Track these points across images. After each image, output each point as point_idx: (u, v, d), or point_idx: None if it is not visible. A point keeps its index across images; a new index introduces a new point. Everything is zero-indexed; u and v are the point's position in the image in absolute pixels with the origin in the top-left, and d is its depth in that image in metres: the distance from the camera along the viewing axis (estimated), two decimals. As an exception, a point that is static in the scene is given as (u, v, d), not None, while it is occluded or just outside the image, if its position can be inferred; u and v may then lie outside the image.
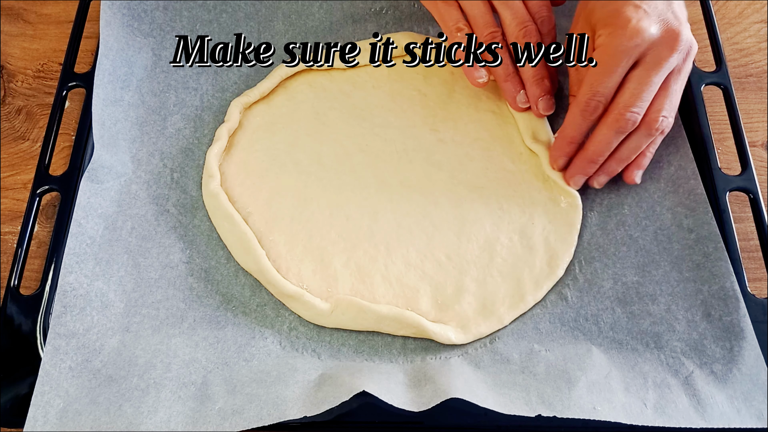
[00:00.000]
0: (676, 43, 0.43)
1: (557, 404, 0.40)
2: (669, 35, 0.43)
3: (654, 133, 0.45)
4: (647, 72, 0.44)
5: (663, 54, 0.43)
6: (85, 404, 0.42)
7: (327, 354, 0.45)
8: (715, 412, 0.41)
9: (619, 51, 0.43)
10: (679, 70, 0.45)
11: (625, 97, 0.44)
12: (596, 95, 0.45)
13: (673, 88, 0.45)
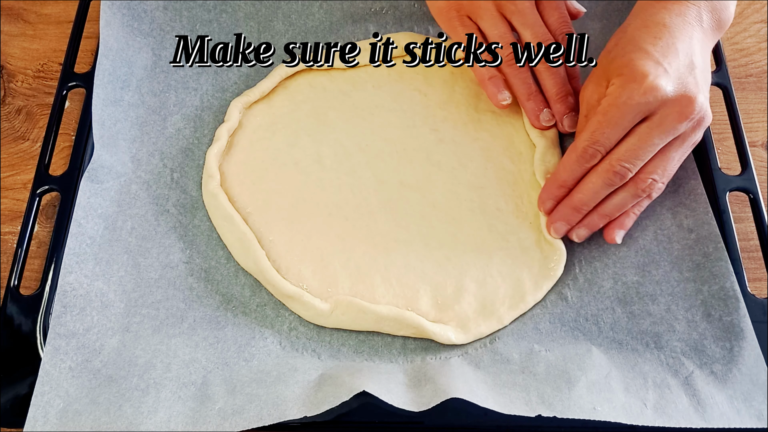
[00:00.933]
0: (690, 110, 0.41)
1: (557, 404, 0.40)
2: (684, 100, 0.41)
3: (640, 193, 0.44)
4: (650, 131, 0.42)
5: (672, 117, 0.41)
6: (85, 404, 0.42)
7: (327, 354, 0.45)
8: (715, 412, 0.41)
9: (629, 104, 0.41)
10: (684, 139, 0.43)
11: (621, 150, 0.43)
12: (596, 144, 0.43)
13: (672, 155, 0.43)
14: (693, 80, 0.42)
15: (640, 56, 0.42)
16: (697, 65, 0.43)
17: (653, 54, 0.42)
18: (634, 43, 0.43)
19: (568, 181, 0.45)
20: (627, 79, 0.42)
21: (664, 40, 0.43)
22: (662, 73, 0.41)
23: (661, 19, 0.44)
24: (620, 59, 0.43)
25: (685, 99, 0.41)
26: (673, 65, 0.42)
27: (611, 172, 0.43)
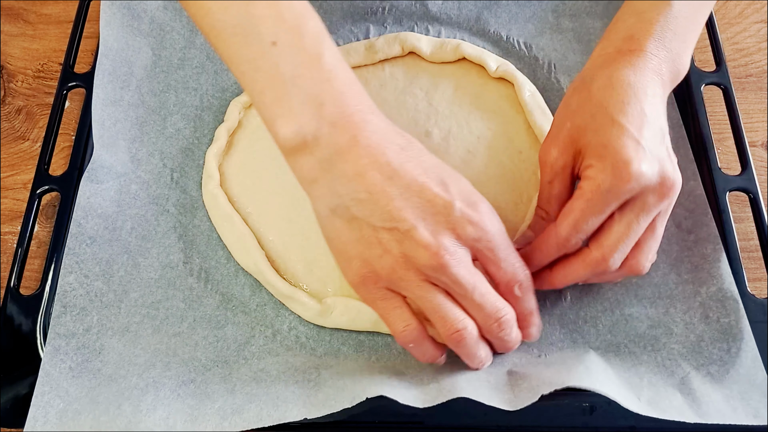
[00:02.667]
0: (670, 192, 0.39)
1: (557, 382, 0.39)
2: (665, 183, 0.39)
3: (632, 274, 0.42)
4: (636, 217, 0.39)
5: (653, 201, 0.39)
6: (84, 404, 0.42)
7: (327, 354, 0.45)
8: (710, 408, 0.41)
9: (614, 193, 0.39)
10: (666, 211, 0.41)
11: (611, 240, 0.40)
12: (580, 233, 0.40)
13: (659, 231, 0.41)
14: (667, 154, 0.40)
15: (618, 135, 0.39)
16: (664, 131, 0.41)
17: (629, 130, 0.39)
18: (604, 112, 0.40)
19: (545, 263, 0.43)
20: (610, 165, 0.39)
21: (632, 106, 0.40)
22: (643, 157, 0.38)
23: (625, 78, 0.41)
24: (595, 136, 0.40)
25: (666, 182, 0.39)
26: (649, 140, 0.39)
27: (604, 264, 0.40)
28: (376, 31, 0.58)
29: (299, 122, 0.37)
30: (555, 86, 0.55)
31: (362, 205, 0.37)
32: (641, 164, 0.38)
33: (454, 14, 0.58)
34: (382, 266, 0.38)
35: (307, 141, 0.37)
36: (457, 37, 0.58)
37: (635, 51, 0.42)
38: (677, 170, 0.40)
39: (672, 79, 0.43)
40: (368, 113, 0.38)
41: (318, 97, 0.37)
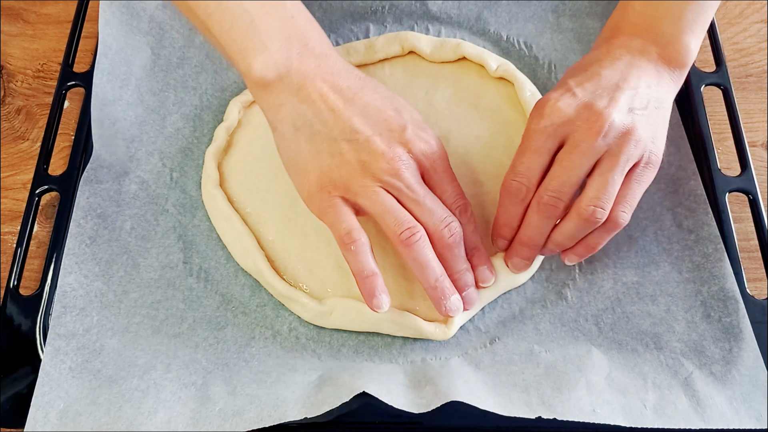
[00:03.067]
0: (598, 124, 0.39)
1: (557, 406, 0.40)
2: (590, 116, 0.40)
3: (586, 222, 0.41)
4: (568, 155, 0.40)
5: (582, 135, 0.40)
6: (85, 405, 0.42)
7: (327, 354, 0.45)
8: (715, 412, 0.41)
9: (535, 130, 0.41)
10: (614, 157, 0.40)
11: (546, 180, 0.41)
12: (517, 176, 0.42)
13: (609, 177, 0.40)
14: (607, 97, 0.40)
15: (554, 89, 0.43)
16: (623, 88, 0.41)
17: (568, 84, 0.42)
18: (560, 80, 0.44)
19: (509, 219, 0.44)
20: (534, 108, 0.42)
21: (590, 70, 0.42)
22: (566, 96, 0.41)
23: (597, 55, 0.43)
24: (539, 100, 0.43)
25: (591, 114, 0.40)
26: (587, 89, 0.41)
27: (542, 204, 0.41)
28: (376, 31, 0.58)
29: (270, 54, 0.41)
30: (555, 86, 0.55)
31: (325, 121, 0.41)
32: (559, 101, 0.41)
33: (455, 14, 0.58)
34: (341, 174, 0.41)
35: (278, 70, 0.41)
36: (458, 36, 0.57)
37: (617, 35, 0.44)
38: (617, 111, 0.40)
39: (667, 60, 0.43)
40: (329, 48, 0.43)
41: (284, 31, 0.41)
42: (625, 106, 0.40)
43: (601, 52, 0.44)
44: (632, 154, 0.40)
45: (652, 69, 0.42)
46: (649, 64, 0.42)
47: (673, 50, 0.43)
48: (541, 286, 0.47)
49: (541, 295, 0.47)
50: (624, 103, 0.40)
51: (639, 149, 0.40)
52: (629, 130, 0.40)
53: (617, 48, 0.43)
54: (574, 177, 0.41)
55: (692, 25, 0.43)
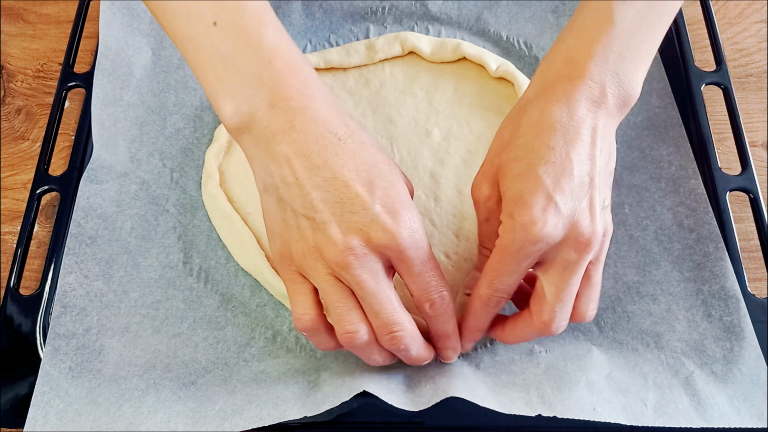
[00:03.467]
0: (587, 246, 0.37)
1: (557, 404, 0.40)
2: (578, 239, 0.37)
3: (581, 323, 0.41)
4: (561, 276, 0.38)
5: (573, 257, 0.38)
6: (85, 404, 0.42)
7: (327, 355, 0.45)
8: (715, 412, 0.41)
9: (522, 253, 0.38)
10: (598, 260, 0.39)
11: (547, 305, 0.39)
12: (497, 292, 0.39)
13: (596, 279, 0.40)
14: (587, 207, 0.37)
15: (532, 190, 0.37)
16: (594, 181, 0.38)
17: (545, 185, 0.37)
18: (526, 158, 0.38)
19: (480, 326, 0.42)
20: (518, 220, 0.37)
21: (557, 153, 0.37)
22: (551, 215, 0.37)
23: (557, 116, 0.38)
24: (513, 184, 0.38)
25: (580, 238, 0.37)
26: (566, 194, 0.37)
27: (547, 328, 0.39)
28: (376, 31, 0.58)
29: (238, 102, 0.37)
30: (555, 86, 0.55)
31: (288, 189, 0.38)
32: (547, 224, 0.37)
33: (455, 14, 0.58)
34: (297, 250, 0.38)
35: (245, 121, 0.38)
36: (457, 37, 0.58)
37: (574, 78, 0.39)
38: (599, 221, 0.38)
39: (621, 106, 0.39)
40: (310, 99, 0.38)
41: (258, 78, 0.37)
42: (600, 206, 0.38)
43: (564, 110, 0.38)
44: (607, 247, 0.39)
45: (609, 120, 0.39)
46: (607, 117, 0.39)
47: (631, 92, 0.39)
48: (542, 285, 0.47)
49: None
50: (599, 204, 0.38)
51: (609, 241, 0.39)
52: (606, 232, 0.38)
53: (579, 103, 0.38)
54: (573, 294, 0.39)
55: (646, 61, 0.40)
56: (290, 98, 0.38)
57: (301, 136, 0.37)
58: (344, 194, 0.37)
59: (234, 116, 0.38)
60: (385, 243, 0.37)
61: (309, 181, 0.37)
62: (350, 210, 0.37)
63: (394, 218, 0.37)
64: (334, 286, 0.38)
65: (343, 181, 0.37)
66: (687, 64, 0.54)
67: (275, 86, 0.38)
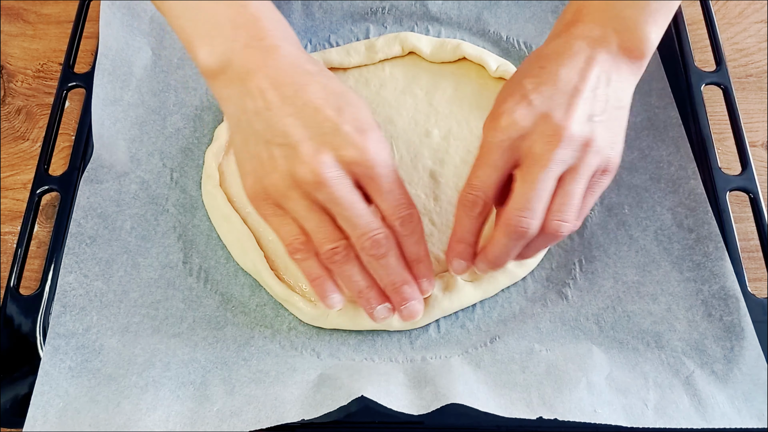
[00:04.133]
0: (557, 136, 0.37)
1: (558, 406, 0.40)
2: (547, 128, 0.37)
3: (551, 237, 0.39)
4: (529, 170, 0.38)
5: (540, 148, 0.37)
6: (84, 403, 0.42)
7: (326, 353, 0.45)
8: (716, 412, 0.41)
9: (492, 144, 0.39)
10: (577, 170, 0.38)
11: (512, 200, 0.39)
12: (473, 189, 0.40)
13: (570, 189, 0.38)
14: (564, 105, 0.38)
15: (510, 93, 0.40)
16: (581, 91, 0.38)
17: (525, 87, 0.39)
18: (516, 78, 0.41)
19: (465, 235, 0.41)
20: (490, 119, 0.40)
21: (547, 68, 0.39)
22: (522, 106, 0.38)
23: (555, 48, 0.40)
24: (503, 90, 0.41)
25: (549, 127, 0.37)
26: (544, 94, 0.38)
27: (511, 226, 0.38)
28: (376, 31, 0.58)
29: (213, 45, 0.40)
30: (555, 86, 0.55)
31: (261, 118, 0.39)
32: (514, 114, 0.38)
33: (454, 14, 0.58)
34: (270, 183, 0.40)
35: (221, 62, 0.40)
36: (457, 37, 0.58)
37: (577, 21, 0.41)
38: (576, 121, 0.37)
39: (627, 51, 0.40)
40: (281, 39, 0.41)
41: (233, 21, 0.40)
42: (584, 114, 0.38)
43: (560, 44, 0.41)
44: (592, 164, 0.38)
45: (611, 62, 0.40)
46: (608, 57, 0.40)
47: (635, 39, 0.40)
48: (542, 285, 0.47)
49: (541, 294, 0.47)
50: (582, 110, 0.38)
51: (599, 158, 0.38)
52: (589, 140, 0.38)
53: (577, 39, 0.40)
54: (541, 193, 0.38)
55: (655, 14, 0.40)
56: (263, 39, 0.40)
57: (274, 71, 0.40)
58: (315, 118, 0.39)
59: (209, 58, 0.40)
60: (355, 159, 0.39)
61: (281, 109, 0.39)
62: (321, 131, 0.39)
63: (362, 136, 0.39)
64: (312, 210, 0.39)
65: (314, 107, 0.39)
66: (687, 64, 0.54)
67: (249, 28, 0.40)
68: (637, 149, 0.51)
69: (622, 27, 0.40)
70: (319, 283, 0.42)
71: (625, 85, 0.41)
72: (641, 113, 0.52)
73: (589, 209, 0.40)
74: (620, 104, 0.40)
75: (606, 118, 0.39)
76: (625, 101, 0.41)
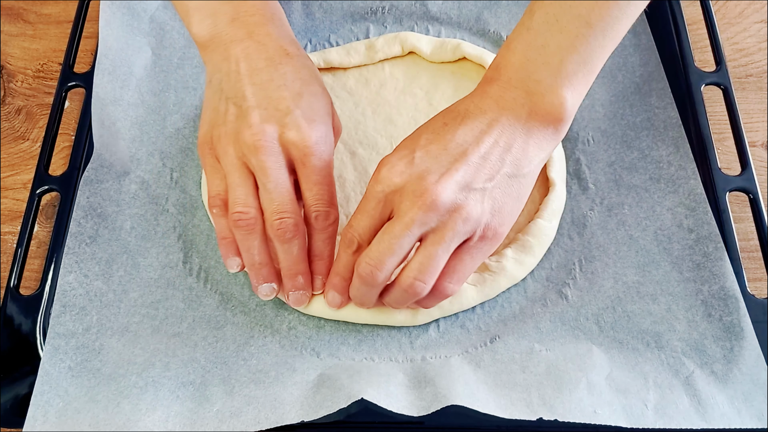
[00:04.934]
0: (424, 199, 0.37)
1: (558, 407, 0.40)
2: (413, 192, 0.37)
3: (406, 294, 0.40)
4: (392, 225, 0.39)
5: (407, 207, 0.38)
6: (84, 403, 0.42)
7: (326, 353, 0.45)
8: (716, 412, 0.41)
9: (370, 193, 0.40)
10: (443, 233, 0.38)
11: (369, 248, 0.39)
12: (351, 228, 0.40)
13: (431, 250, 0.38)
14: (443, 170, 0.38)
15: (405, 144, 0.40)
16: (468, 156, 0.38)
17: (418, 143, 0.39)
18: (420, 129, 0.41)
19: (342, 270, 0.42)
20: (378, 165, 0.40)
21: (448, 126, 0.40)
22: (403, 163, 0.39)
23: (466, 105, 0.40)
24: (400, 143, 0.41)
25: (419, 188, 0.37)
26: (430, 154, 0.38)
27: (359, 271, 0.40)
28: (376, 31, 0.58)
29: (203, 17, 0.44)
30: (555, 86, 0.55)
31: (229, 80, 0.43)
32: (393, 169, 0.39)
33: (454, 14, 0.58)
34: (217, 134, 0.43)
35: (211, 34, 0.44)
36: (457, 37, 0.58)
37: (494, 80, 0.40)
38: (450, 189, 0.37)
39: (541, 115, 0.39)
40: (269, 19, 0.45)
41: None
42: (461, 182, 0.38)
43: (471, 102, 0.40)
44: (458, 231, 0.38)
45: (517, 128, 0.39)
46: (514, 122, 0.39)
47: (548, 103, 0.38)
48: (542, 285, 0.47)
49: (541, 294, 0.47)
50: (461, 177, 0.38)
51: (468, 226, 0.38)
52: (456, 208, 0.38)
53: (488, 99, 0.40)
54: (394, 247, 0.38)
55: (572, 77, 0.38)
56: (251, 15, 0.44)
57: (255, 44, 0.44)
58: (274, 94, 0.42)
59: (200, 29, 0.45)
60: (295, 141, 0.41)
61: (248, 77, 0.43)
62: (275, 107, 0.42)
63: (309, 125, 0.42)
64: (240, 169, 0.42)
65: (277, 85, 0.43)
66: (687, 64, 0.54)
67: (240, 5, 0.44)
68: (637, 149, 0.51)
69: (536, 90, 0.39)
70: (224, 244, 0.44)
71: (533, 153, 0.40)
72: (641, 113, 0.52)
73: (467, 273, 0.40)
74: (519, 172, 0.39)
75: (493, 185, 0.39)
76: (527, 169, 0.40)
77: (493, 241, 0.40)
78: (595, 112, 0.53)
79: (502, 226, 0.40)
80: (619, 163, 0.50)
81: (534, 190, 0.50)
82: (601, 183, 0.50)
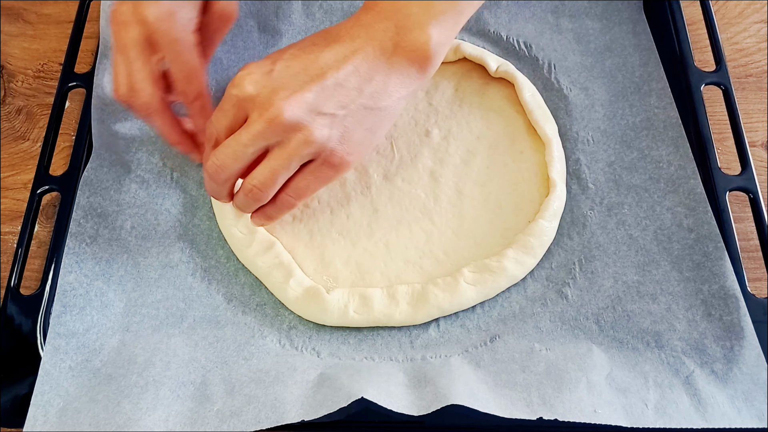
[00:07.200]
0: (266, 113, 0.38)
1: (558, 407, 0.40)
2: (265, 103, 0.39)
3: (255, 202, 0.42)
4: (240, 131, 0.40)
5: (252, 117, 0.40)
6: (84, 402, 0.42)
7: (326, 352, 0.45)
8: (716, 412, 0.41)
9: (226, 94, 0.41)
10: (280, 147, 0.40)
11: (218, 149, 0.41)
12: (211, 125, 0.42)
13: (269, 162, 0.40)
14: (295, 87, 0.39)
15: (269, 56, 0.42)
16: (324, 79, 0.39)
17: (283, 56, 0.41)
18: (296, 43, 0.42)
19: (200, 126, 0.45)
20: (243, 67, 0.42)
21: (317, 46, 0.41)
22: (261, 73, 0.40)
23: (339, 30, 0.42)
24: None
25: (267, 102, 0.39)
26: (290, 69, 0.40)
27: (206, 169, 0.42)
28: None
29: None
30: (555, 86, 0.55)
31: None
32: (251, 75, 0.40)
33: (454, 14, 0.58)
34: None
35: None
36: (457, 37, 0.57)
37: (370, 9, 0.41)
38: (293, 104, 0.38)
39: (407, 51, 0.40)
40: None
41: None
42: (311, 103, 0.39)
43: (345, 27, 0.42)
44: (299, 151, 0.39)
45: (382, 61, 0.40)
46: (381, 56, 0.40)
47: (415, 39, 0.39)
48: (541, 284, 0.47)
49: (541, 294, 0.47)
50: (311, 98, 0.39)
51: (311, 148, 0.39)
52: (300, 128, 0.39)
53: (360, 26, 0.41)
54: (238, 154, 0.40)
55: (440, 16, 0.39)
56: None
57: None
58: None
59: None
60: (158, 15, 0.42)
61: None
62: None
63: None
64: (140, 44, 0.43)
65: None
66: (686, 64, 0.54)
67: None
68: (636, 149, 0.51)
69: (404, 23, 0.40)
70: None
71: (393, 88, 0.40)
72: (641, 113, 0.52)
73: (308, 191, 0.43)
74: (376, 105, 0.40)
75: (346, 113, 0.40)
76: (385, 103, 0.40)
77: (339, 168, 0.41)
78: (594, 112, 0.53)
79: (351, 155, 0.41)
80: (619, 162, 0.50)
81: (534, 190, 0.50)
82: (600, 183, 0.50)
